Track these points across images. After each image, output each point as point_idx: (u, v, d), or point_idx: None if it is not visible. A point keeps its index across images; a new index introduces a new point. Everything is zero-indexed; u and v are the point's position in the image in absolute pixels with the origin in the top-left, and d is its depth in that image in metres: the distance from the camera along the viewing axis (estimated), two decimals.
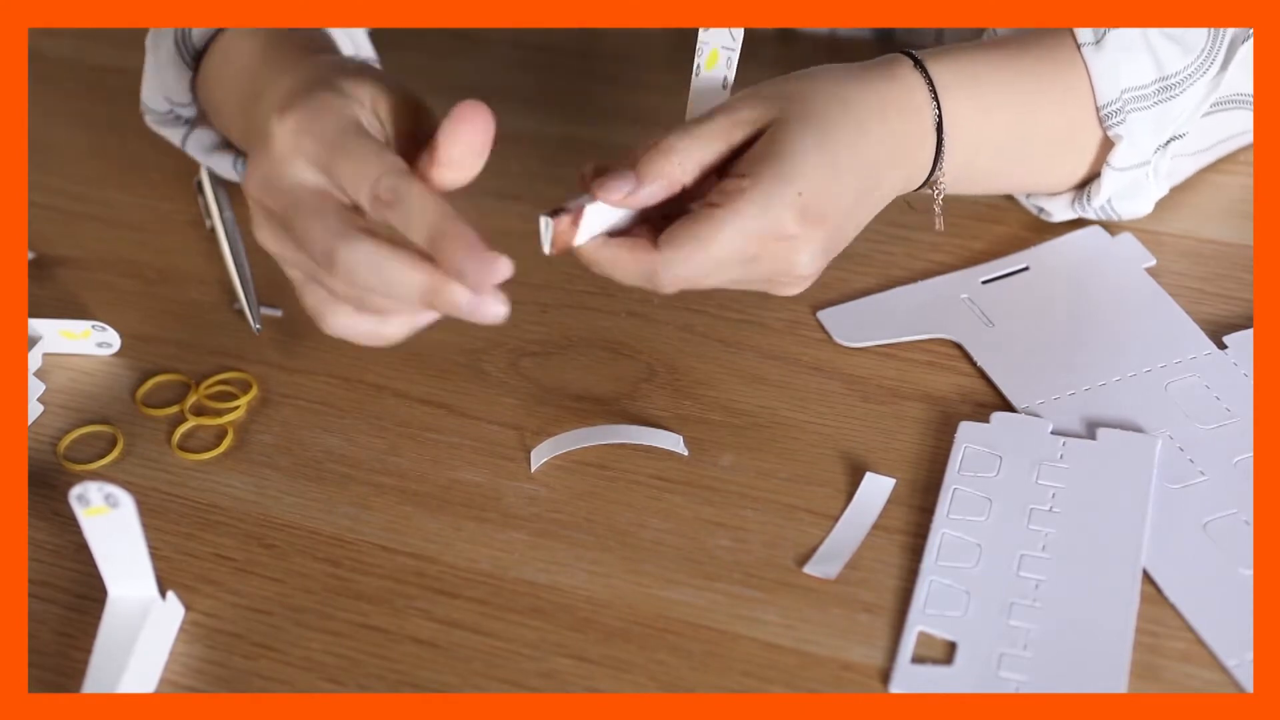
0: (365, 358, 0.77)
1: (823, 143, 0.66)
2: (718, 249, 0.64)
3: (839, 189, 0.66)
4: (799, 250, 0.66)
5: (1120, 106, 0.73)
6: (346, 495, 0.70)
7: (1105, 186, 0.75)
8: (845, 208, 0.67)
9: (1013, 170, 0.77)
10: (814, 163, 0.65)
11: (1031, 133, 0.74)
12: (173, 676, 0.62)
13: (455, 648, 0.63)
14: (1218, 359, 0.72)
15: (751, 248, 0.65)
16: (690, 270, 0.64)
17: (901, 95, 0.70)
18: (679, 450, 0.70)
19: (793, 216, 0.64)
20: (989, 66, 0.72)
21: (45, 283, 0.83)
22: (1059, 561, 0.63)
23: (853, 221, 0.69)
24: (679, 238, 0.64)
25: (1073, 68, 0.73)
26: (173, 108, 0.83)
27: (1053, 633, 0.61)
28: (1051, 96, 0.73)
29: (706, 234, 0.64)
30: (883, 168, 0.69)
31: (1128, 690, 0.59)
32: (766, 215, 0.64)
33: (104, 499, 0.59)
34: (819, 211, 0.65)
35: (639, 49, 1.01)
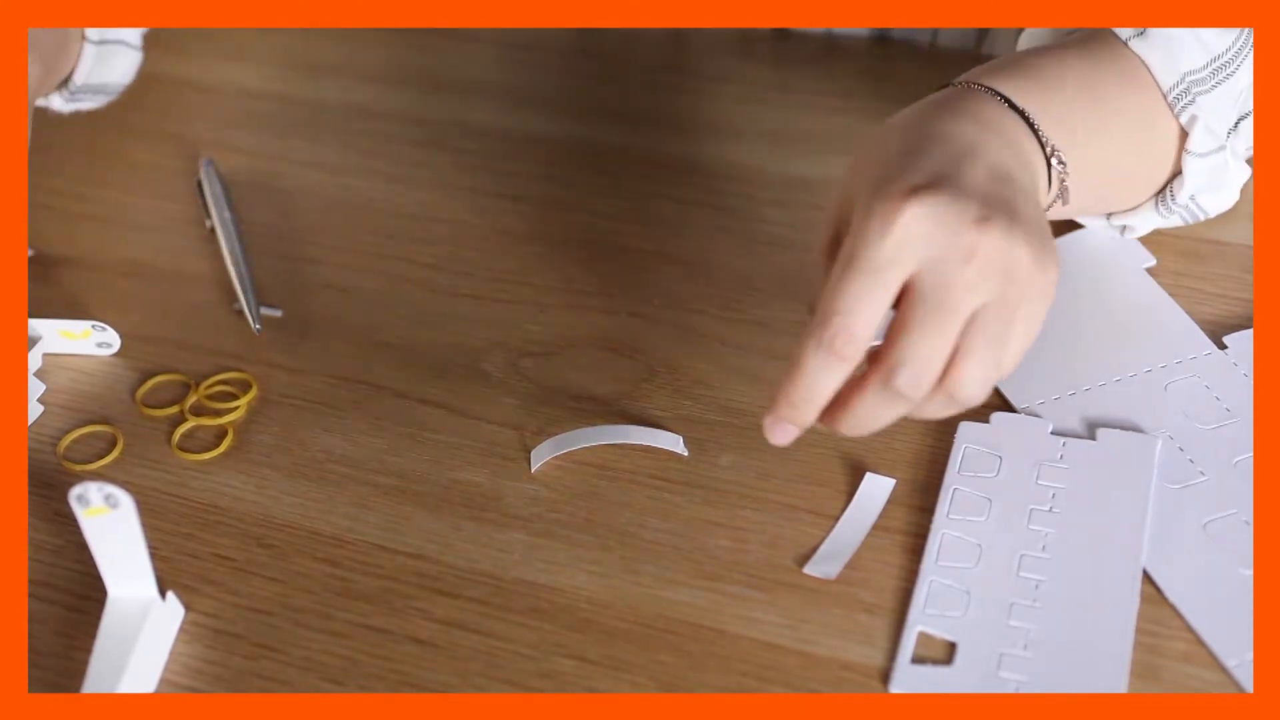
0: (365, 358, 0.77)
1: (914, 163, 0.60)
2: (856, 271, 0.58)
3: (951, 165, 0.60)
4: (944, 227, 0.58)
5: (1185, 89, 0.71)
6: (346, 495, 0.70)
7: (1189, 178, 0.73)
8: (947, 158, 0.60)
9: (1104, 165, 0.71)
10: (905, 161, 0.60)
11: (1108, 114, 0.70)
12: (173, 676, 0.62)
13: (455, 648, 0.63)
14: (1217, 359, 0.72)
15: (893, 262, 0.58)
16: (854, 317, 0.58)
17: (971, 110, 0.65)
18: (679, 450, 0.70)
19: (900, 199, 0.58)
20: (1039, 59, 0.70)
21: (45, 283, 0.83)
22: (1059, 562, 0.63)
23: (975, 169, 0.61)
24: (824, 291, 0.59)
25: (1124, 57, 0.71)
26: None
27: (1053, 633, 0.61)
28: (1116, 78, 0.70)
29: (839, 267, 0.59)
30: (997, 157, 0.62)
31: (1128, 690, 0.59)
32: (875, 216, 0.58)
33: (104, 499, 0.59)
34: (929, 179, 0.59)
35: (636, 49, 1.01)
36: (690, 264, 0.82)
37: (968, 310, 0.58)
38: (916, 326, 0.58)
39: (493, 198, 0.88)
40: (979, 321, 0.58)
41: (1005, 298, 0.58)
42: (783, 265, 0.81)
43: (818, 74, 0.97)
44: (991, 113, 0.65)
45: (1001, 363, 0.59)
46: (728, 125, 0.93)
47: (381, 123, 0.96)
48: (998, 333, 0.58)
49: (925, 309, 0.58)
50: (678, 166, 0.79)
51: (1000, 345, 0.59)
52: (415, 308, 0.80)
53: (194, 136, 0.90)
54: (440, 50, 0.92)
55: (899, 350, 0.58)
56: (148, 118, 0.96)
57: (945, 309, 0.58)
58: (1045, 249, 0.60)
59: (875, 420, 0.60)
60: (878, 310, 0.58)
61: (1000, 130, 0.64)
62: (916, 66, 0.97)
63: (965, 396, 0.59)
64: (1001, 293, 0.58)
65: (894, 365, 0.58)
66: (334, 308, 0.80)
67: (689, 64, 1.00)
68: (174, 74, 0.93)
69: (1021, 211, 0.60)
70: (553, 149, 0.91)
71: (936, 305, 0.58)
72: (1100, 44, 0.72)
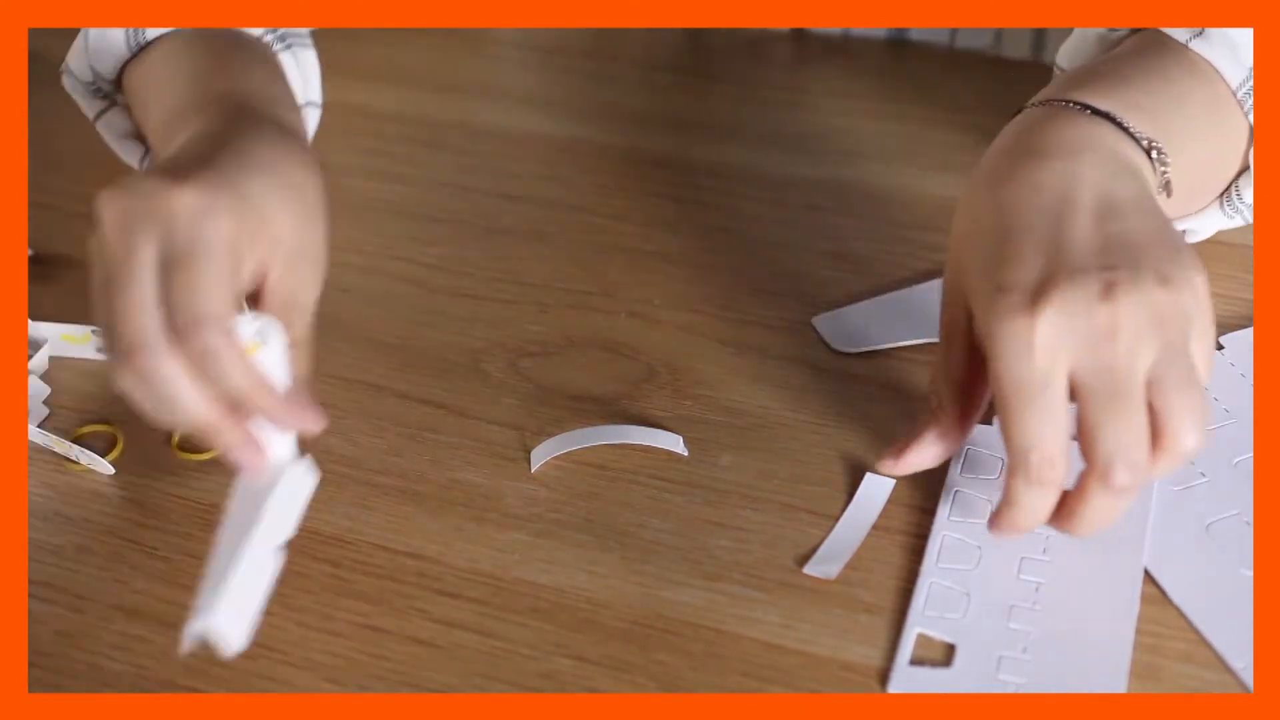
0: (365, 358, 0.77)
1: (1015, 258, 0.59)
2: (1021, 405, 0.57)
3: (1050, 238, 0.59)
4: (1075, 313, 0.57)
5: (1251, 87, 0.69)
6: (346, 495, 0.70)
7: None
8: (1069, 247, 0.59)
9: (1191, 168, 0.69)
10: (1006, 256, 0.59)
11: (1190, 118, 0.68)
12: (173, 676, 0.62)
13: (455, 648, 0.63)
14: (1214, 359, 0.72)
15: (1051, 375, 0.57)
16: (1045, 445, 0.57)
17: (1059, 134, 0.64)
18: (679, 450, 0.70)
19: (1024, 316, 0.57)
20: (1116, 67, 0.68)
21: (45, 283, 0.83)
22: (1060, 565, 0.63)
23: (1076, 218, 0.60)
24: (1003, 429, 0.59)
25: (1189, 58, 0.69)
26: (95, 80, 0.81)
27: (1052, 636, 0.61)
28: (1191, 80, 0.69)
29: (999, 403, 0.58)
30: (1080, 167, 0.62)
31: (1128, 691, 0.59)
32: (1008, 341, 0.58)
33: (255, 333, 0.60)
34: (1041, 278, 0.58)
35: (643, 49, 1.01)
36: (690, 264, 0.82)
37: (1140, 379, 0.57)
38: (1103, 422, 0.57)
39: (495, 198, 0.88)
40: (1159, 379, 0.57)
41: (1170, 342, 0.57)
42: (783, 265, 0.81)
43: (832, 75, 0.97)
44: (1079, 130, 0.64)
45: (1201, 394, 0.58)
46: (736, 126, 0.93)
47: (381, 123, 0.96)
48: (1182, 375, 0.57)
49: (1101, 402, 0.57)
50: (679, 167, 0.79)
51: (1190, 384, 0.57)
52: (415, 308, 0.80)
53: None
54: (444, 50, 0.92)
55: (1100, 451, 0.57)
56: None
57: (1120, 393, 0.57)
58: (1177, 263, 0.59)
59: (1112, 517, 0.59)
60: (1060, 425, 0.57)
61: (1093, 146, 0.63)
62: (934, 68, 0.97)
63: (1189, 448, 0.57)
64: (1164, 341, 0.57)
65: (1104, 467, 0.57)
66: (334, 308, 0.80)
67: (702, 65, 1.00)
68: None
69: (1140, 239, 0.59)
70: (555, 150, 0.91)
71: (1111, 394, 0.57)
72: (1158, 49, 0.70)
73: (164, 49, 0.76)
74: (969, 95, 0.93)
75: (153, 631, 0.64)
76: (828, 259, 0.81)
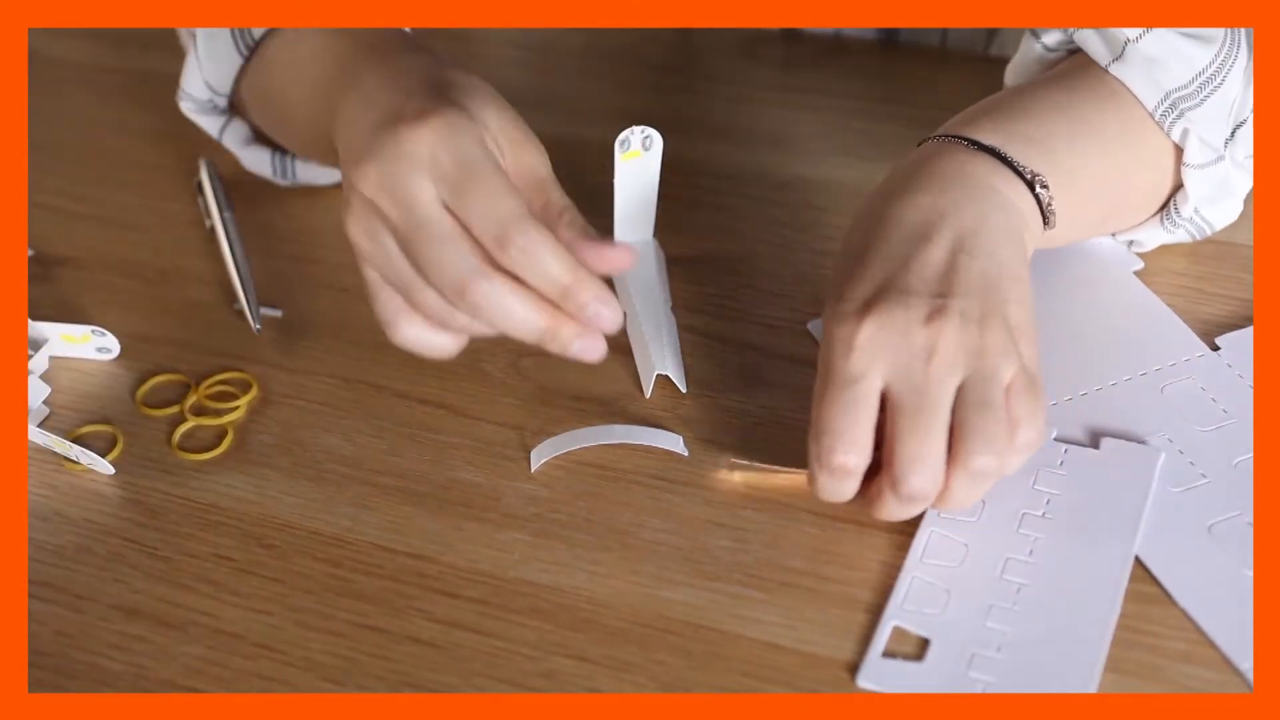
0: (365, 358, 0.77)
1: (857, 277, 0.64)
2: (833, 393, 0.61)
3: (885, 242, 0.64)
4: (896, 329, 0.61)
5: (1171, 105, 0.72)
6: (346, 495, 0.70)
7: (1191, 191, 0.73)
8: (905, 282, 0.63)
9: (1089, 182, 0.72)
10: (850, 272, 0.64)
11: (1086, 133, 0.71)
12: (173, 676, 0.62)
13: (455, 648, 0.63)
14: (1211, 360, 0.72)
15: (864, 376, 0.61)
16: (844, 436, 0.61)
17: (938, 170, 0.67)
18: (679, 450, 0.70)
19: (849, 323, 0.62)
20: (1010, 96, 0.71)
21: (45, 283, 0.83)
22: (1044, 567, 0.63)
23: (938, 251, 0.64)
24: (813, 415, 0.63)
25: (1104, 83, 0.72)
26: (212, 96, 0.83)
27: (1028, 637, 0.61)
28: (1091, 100, 0.72)
29: (817, 388, 0.63)
30: (950, 203, 0.65)
31: (1127, 692, 0.59)
32: (831, 345, 0.62)
33: (641, 143, 0.68)
34: (871, 295, 0.62)
35: (637, 49, 1.01)
36: (691, 264, 0.81)
37: (947, 400, 0.61)
38: (903, 434, 0.60)
39: None
40: (962, 402, 0.61)
41: (979, 370, 0.61)
42: (782, 265, 0.81)
43: (825, 75, 0.98)
44: (960, 166, 0.67)
45: (1001, 420, 0.61)
46: (731, 126, 0.93)
47: None
48: (984, 400, 0.61)
49: (906, 416, 0.61)
50: (679, 167, 0.79)
51: (990, 408, 0.61)
52: None
53: (194, 136, 0.90)
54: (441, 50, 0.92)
55: (897, 459, 0.61)
56: (148, 118, 0.96)
57: (923, 410, 0.60)
58: (1004, 301, 0.63)
59: (905, 516, 0.63)
60: (858, 421, 0.61)
61: (967, 180, 0.66)
62: (925, 67, 0.97)
63: (978, 467, 0.61)
64: (975, 369, 0.61)
65: (897, 478, 0.61)
66: (334, 308, 0.80)
67: (695, 65, 1.00)
68: (174, 74, 0.92)
69: (980, 275, 0.63)
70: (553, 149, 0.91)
71: (915, 409, 0.60)
72: (1080, 73, 0.73)
73: (279, 43, 0.79)
74: (960, 95, 0.93)
75: (153, 631, 0.64)
76: (826, 259, 0.81)
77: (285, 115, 0.80)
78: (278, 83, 0.79)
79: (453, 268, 0.62)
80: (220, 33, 0.80)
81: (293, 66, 0.77)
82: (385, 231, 0.63)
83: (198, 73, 0.82)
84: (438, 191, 0.62)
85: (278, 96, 0.80)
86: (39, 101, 0.97)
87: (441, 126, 0.63)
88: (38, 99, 0.97)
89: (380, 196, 0.63)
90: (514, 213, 0.61)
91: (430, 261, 0.62)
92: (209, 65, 0.81)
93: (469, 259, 0.62)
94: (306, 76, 0.75)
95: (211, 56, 0.81)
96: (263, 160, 0.85)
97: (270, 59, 0.80)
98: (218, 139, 0.85)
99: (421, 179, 0.62)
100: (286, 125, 0.81)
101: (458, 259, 0.62)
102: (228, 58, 0.81)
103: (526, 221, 0.61)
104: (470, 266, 0.61)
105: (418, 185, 0.62)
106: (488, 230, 0.61)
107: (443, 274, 0.62)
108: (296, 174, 0.85)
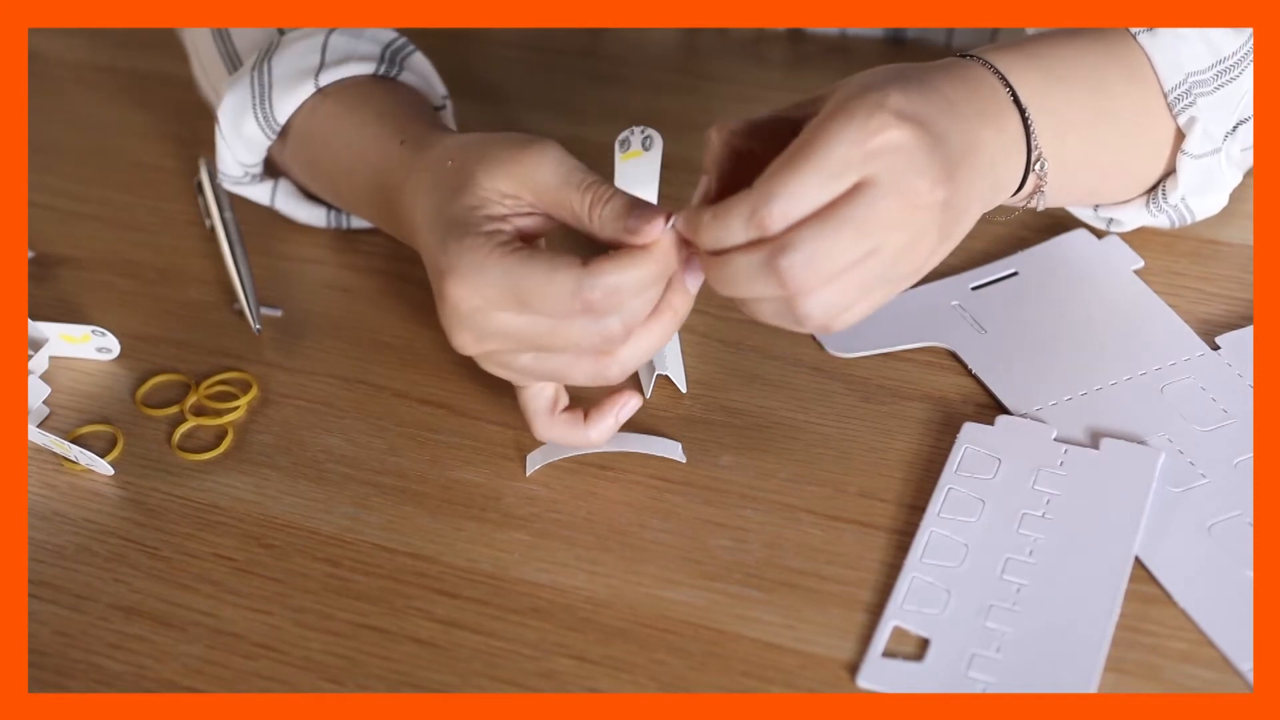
0: (365, 358, 0.77)
1: (907, 92, 0.62)
2: (820, 162, 0.59)
3: (928, 102, 0.62)
4: (913, 155, 0.60)
5: (1186, 90, 0.71)
6: (346, 495, 0.70)
7: (1182, 179, 0.73)
8: (942, 124, 0.62)
9: (1095, 158, 0.72)
10: (894, 79, 0.62)
11: (1107, 109, 0.71)
12: (173, 676, 0.62)
13: (455, 648, 0.63)
14: (1211, 360, 0.72)
15: (856, 162, 0.59)
16: (793, 191, 0.59)
17: (972, 84, 0.66)
18: (677, 457, 0.70)
19: (890, 115, 0.60)
20: (1049, 46, 0.70)
21: (45, 283, 0.83)
22: (1043, 568, 0.63)
23: (957, 142, 0.62)
24: (773, 169, 0.60)
25: (1132, 52, 0.71)
26: (245, 170, 0.83)
27: (1027, 637, 0.61)
28: (1120, 73, 0.71)
29: (800, 155, 0.59)
30: (973, 121, 0.64)
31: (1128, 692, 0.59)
32: (854, 120, 0.60)
33: (641, 143, 0.68)
34: (914, 112, 0.60)
35: (641, 49, 1.01)
36: None
37: (875, 245, 0.60)
38: (829, 226, 0.59)
39: None
40: (872, 260, 0.60)
41: (900, 253, 0.61)
42: None
43: (830, 75, 0.97)
44: (995, 101, 0.66)
45: (855, 306, 0.61)
46: None
47: None
48: (878, 276, 0.61)
49: (847, 220, 0.59)
50: (677, 167, 0.79)
51: (867, 291, 0.61)
52: (415, 308, 0.80)
53: (194, 136, 0.90)
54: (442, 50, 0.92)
55: (801, 236, 0.59)
56: (148, 118, 0.96)
57: (865, 232, 0.59)
58: (953, 238, 0.63)
59: (739, 288, 0.62)
60: (818, 204, 0.59)
61: (997, 119, 0.65)
62: None
63: (802, 314, 0.61)
64: (905, 246, 0.61)
65: (787, 247, 0.59)
66: (334, 308, 0.80)
67: (697, 65, 1.00)
68: (174, 74, 0.92)
69: (965, 196, 0.63)
70: None
71: (860, 224, 0.59)
72: (1109, 35, 0.72)
73: (309, 124, 0.79)
74: None
75: (153, 631, 0.64)
76: None
77: (336, 187, 0.80)
78: (322, 159, 0.79)
79: (562, 288, 0.62)
80: (244, 116, 0.80)
81: (335, 139, 0.78)
82: (498, 308, 0.64)
83: (229, 155, 0.82)
84: (515, 315, 0.63)
85: (325, 177, 0.80)
86: (39, 101, 0.97)
87: (465, 273, 0.63)
88: (38, 99, 0.97)
89: (493, 313, 0.64)
90: (567, 287, 0.62)
91: (540, 296, 0.62)
92: (238, 147, 0.81)
93: (571, 272, 0.62)
94: (351, 147, 0.76)
95: (239, 139, 0.81)
96: (318, 217, 0.84)
97: (309, 133, 0.80)
98: (269, 205, 0.84)
99: (497, 316, 0.63)
100: (341, 195, 0.81)
101: (562, 276, 0.62)
102: (256, 139, 0.80)
103: (581, 283, 0.62)
104: (575, 274, 0.62)
105: (499, 306, 0.63)
106: (573, 305, 0.62)
107: (558, 298, 0.62)
108: (353, 223, 0.85)
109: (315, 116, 0.79)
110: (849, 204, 0.59)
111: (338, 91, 0.79)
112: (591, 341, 0.63)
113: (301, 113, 0.79)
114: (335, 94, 0.79)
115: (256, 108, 0.79)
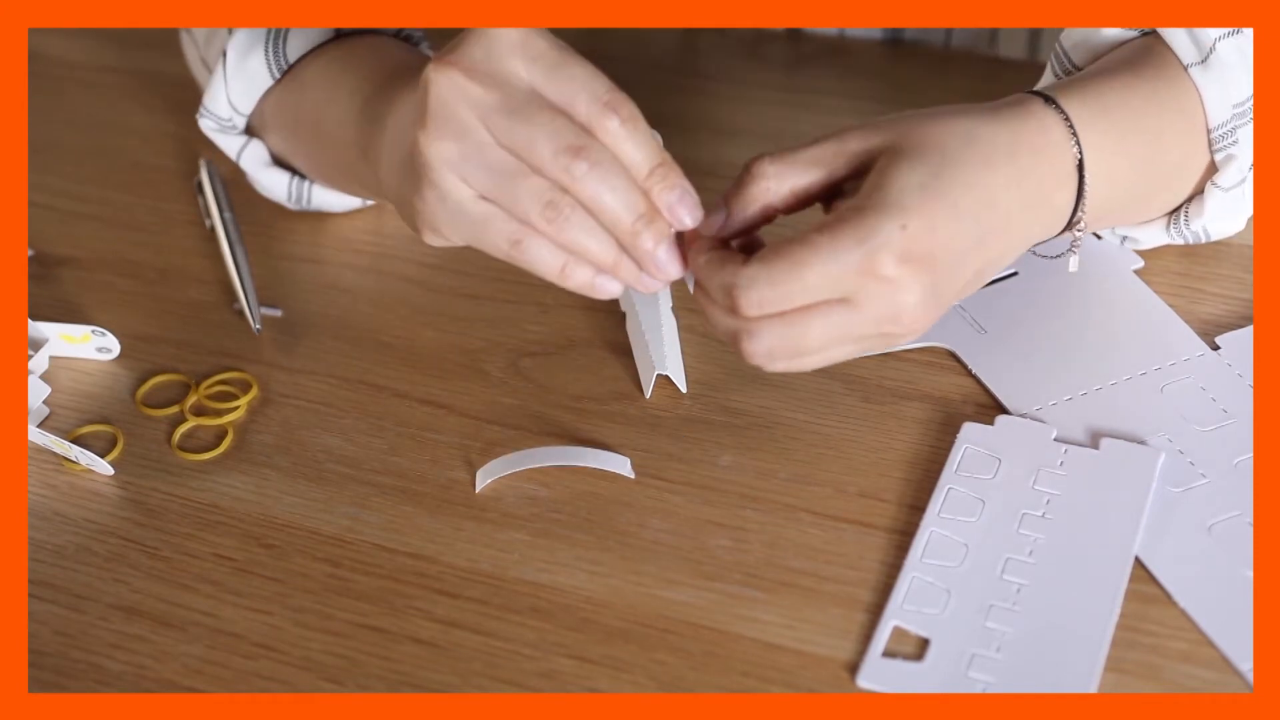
0: (365, 358, 0.77)
1: (938, 178, 0.62)
2: (809, 274, 0.60)
3: (952, 231, 0.62)
4: (901, 293, 0.61)
5: (1230, 129, 0.71)
6: (346, 495, 0.70)
7: (1208, 208, 0.73)
8: (958, 252, 0.62)
9: (1135, 205, 0.73)
10: (925, 199, 0.61)
11: (1159, 161, 0.71)
12: (173, 676, 0.62)
13: (455, 648, 0.63)
14: (1211, 360, 0.72)
15: (847, 283, 0.61)
16: (775, 293, 0.61)
17: (1036, 134, 0.65)
18: (626, 474, 0.69)
19: (893, 256, 0.60)
20: (1116, 96, 0.69)
21: (45, 283, 0.83)
22: (1043, 568, 0.63)
23: (969, 268, 0.64)
24: (769, 255, 0.61)
25: (1186, 92, 0.70)
26: (232, 115, 0.82)
27: (1027, 637, 0.61)
28: (1176, 125, 0.70)
29: (798, 255, 0.60)
30: (1012, 212, 0.64)
31: (1128, 692, 0.59)
32: (863, 247, 0.60)
33: None
34: (925, 253, 0.61)
35: (641, 49, 1.01)
36: None
37: (842, 339, 0.62)
38: (798, 327, 0.61)
39: None
40: (835, 350, 0.63)
41: (871, 344, 0.63)
42: None
43: (828, 75, 0.98)
44: (1053, 176, 0.66)
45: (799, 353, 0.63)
46: (734, 126, 0.93)
47: None
48: (842, 354, 0.63)
49: (817, 319, 0.61)
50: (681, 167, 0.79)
51: (829, 360, 0.63)
52: (415, 308, 0.80)
53: (194, 136, 0.90)
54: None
55: (768, 327, 0.62)
56: (148, 118, 0.96)
57: (833, 337, 0.62)
58: (932, 318, 0.63)
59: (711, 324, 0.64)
60: (794, 306, 0.61)
61: (1046, 197, 0.66)
62: (929, 67, 0.97)
63: (749, 351, 0.63)
64: (875, 341, 0.63)
65: (753, 333, 0.62)
66: (334, 308, 0.81)
67: (697, 65, 1.00)
68: (174, 74, 0.93)
69: (963, 294, 0.65)
70: None
71: (830, 328, 0.62)
72: (1165, 70, 0.70)
73: (315, 66, 0.79)
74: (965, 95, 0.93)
75: (152, 631, 0.64)
76: None
77: (318, 134, 0.79)
78: (311, 102, 0.79)
79: (560, 137, 0.60)
80: (254, 51, 0.80)
81: (331, 87, 0.77)
82: (477, 125, 0.62)
83: (223, 91, 0.81)
84: (529, 75, 0.62)
85: (309, 116, 0.79)
86: (39, 101, 0.97)
87: (519, 31, 0.62)
88: (38, 99, 0.97)
89: (471, 84, 0.62)
90: (611, 86, 0.62)
91: (535, 135, 0.61)
92: (237, 84, 0.81)
93: (573, 128, 0.61)
94: (345, 96, 0.76)
95: (241, 75, 0.80)
96: (280, 184, 0.84)
97: (306, 81, 0.79)
98: (235, 159, 0.84)
99: (515, 61, 0.62)
100: (319, 145, 0.80)
101: (564, 127, 0.61)
102: (258, 77, 0.80)
103: (623, 94, 0.62)
104: (578, 134, 0.61)
105: (512, 66, 0.62)
106: (597, 96, 0.61)
107: (554, 140, 0.61)
108: (311, 199, 0.85)
109: (324, 62, 0.79)
110: (824, 311, 0.61)
111: (353, 41, 0.79)
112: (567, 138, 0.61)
113: (312, 60, 0.79)
114: (350, 43, 0.79)
115: (269, 44, 0.79)
